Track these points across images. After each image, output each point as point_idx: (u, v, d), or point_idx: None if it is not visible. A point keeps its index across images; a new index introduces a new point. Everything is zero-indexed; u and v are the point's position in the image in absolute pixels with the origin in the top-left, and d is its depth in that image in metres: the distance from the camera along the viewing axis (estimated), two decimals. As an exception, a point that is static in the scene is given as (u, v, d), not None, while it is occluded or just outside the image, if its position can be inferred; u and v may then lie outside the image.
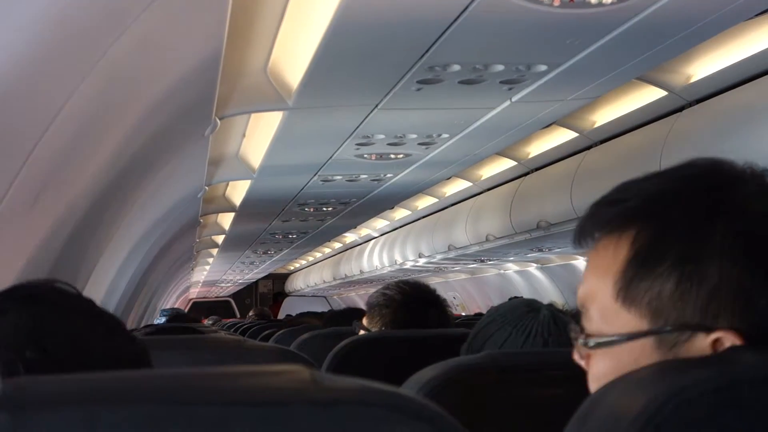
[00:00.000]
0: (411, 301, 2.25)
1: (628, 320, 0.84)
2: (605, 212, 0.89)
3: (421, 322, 2.20)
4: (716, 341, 0.80)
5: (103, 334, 0.85)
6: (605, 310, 0.87)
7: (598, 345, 0.87)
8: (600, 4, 2.28)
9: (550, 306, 1.57)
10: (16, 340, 0.79)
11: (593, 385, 0.89)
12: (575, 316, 0.92)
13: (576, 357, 0.92)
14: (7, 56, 1.49)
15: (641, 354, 0.83)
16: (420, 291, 2.27)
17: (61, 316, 0.83)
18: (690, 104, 4.02)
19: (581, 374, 0.92)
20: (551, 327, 1.51)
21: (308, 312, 6.16)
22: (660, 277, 0.82)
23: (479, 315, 6.34)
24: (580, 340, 0.90)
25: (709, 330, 0.80)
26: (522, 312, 1.55)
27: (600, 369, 0.88)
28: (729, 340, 0.79)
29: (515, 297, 1.68)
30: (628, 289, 0.84)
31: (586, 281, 0.90)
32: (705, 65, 3.75)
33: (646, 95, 4.17)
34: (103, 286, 4.37)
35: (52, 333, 0.81)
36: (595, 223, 0.90)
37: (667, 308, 0.82)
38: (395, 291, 2.26)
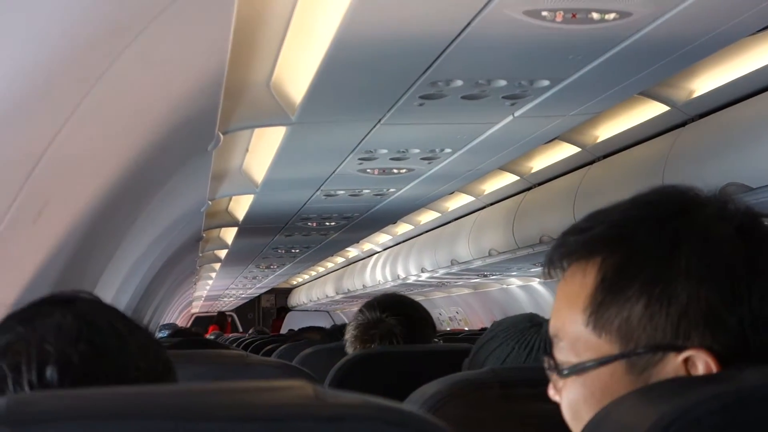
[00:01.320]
0: (366, 320, 2.27)
1: (599, 346, 0.85)
2: (572, 241, 0.90)
3: (376, 337, 2.23)
4: (687, 361, 0.81)
5: (138, 335, 0.91)
6: (576, 339, 0.87)
7: (571, 372, 0.87)
8: (602, 20, 2.29)
9: (553, 321, 1.56)
10: (66, 335, 0.85)
11: (567, 414, 0.89)
12: (546, 348, 0.92)
13: (551, 392, 0.92)
14: (10, 70, 1.49)
15: (612, 380, 0.84)
16: (377, 306, 2.29)
17: (102, 316, 0.89)
18: (692, 119, 4.02)
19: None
20: (554, 342, 1.51)
21: (311, 327, 6.15)
22: (629, 300, 0.83)
23: (484, 330, 6.32)
24: (554, 370, 0.90)
25: (680, 349, 0.81)
26: (524, 327, 1.55)
27: (573, 397, 0.88)
28: (701, 359, 0.80)
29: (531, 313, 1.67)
30: (597, 315, 0.85)
31: (557, 311, 0.91)
32: (707, 80, 3.75)
33: (649, 110, 4.17)
34: (105, 301, 4.36)
35: (99, 329, 0.87)
36: (563, 253, 0.91)
37: (637, 331, 0.83)
38: (358, 313, 2.30)
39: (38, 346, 0.84)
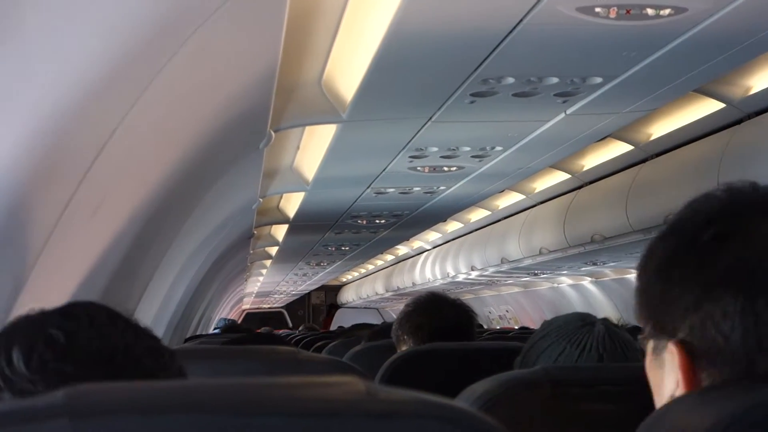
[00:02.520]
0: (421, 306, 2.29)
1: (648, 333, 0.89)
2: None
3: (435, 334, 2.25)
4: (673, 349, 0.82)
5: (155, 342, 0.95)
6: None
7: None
8: (657, 16, 2.26)
9: (605, 320, 1.55)
10: (104, 320, 0.90)
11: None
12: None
13: None
14: (69, 69, 1.52)
15: (649, 362, 0.87)
16: (430, 298, 2.31)
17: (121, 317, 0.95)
18: (749, 116, 3.95)
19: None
20: (606, 342, 1.49)
21: (361, 324, 6.16)
22: (653, 287, 0.86)
23: (525, 328, 6.28)
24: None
25: (669, 337, 0.82)
26: (576, 326, 1.54)
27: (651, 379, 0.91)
28: (672, 349, 0.81)
29: (583, 312, 1.67)
30: (640, 305, 0.88)
31: None
32: (764, 77, 3.69)
33: (704, 107, 4.11)
34: (159, 296, 4.42)
35: (127, 323, 0.92)
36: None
37: (654, 314, 0.85)
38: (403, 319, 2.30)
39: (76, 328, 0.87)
